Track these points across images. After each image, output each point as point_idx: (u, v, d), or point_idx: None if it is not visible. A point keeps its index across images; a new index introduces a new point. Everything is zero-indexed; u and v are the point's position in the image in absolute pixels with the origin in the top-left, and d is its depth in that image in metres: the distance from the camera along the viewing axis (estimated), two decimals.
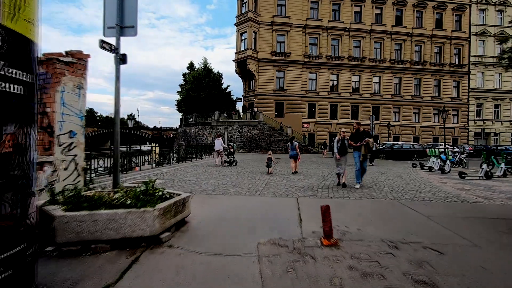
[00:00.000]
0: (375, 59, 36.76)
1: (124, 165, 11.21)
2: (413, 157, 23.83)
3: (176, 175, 10.22)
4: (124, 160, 11.34)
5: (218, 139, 15.30)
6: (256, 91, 35.05)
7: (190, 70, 44.67)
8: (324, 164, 17.11)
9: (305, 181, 9.40)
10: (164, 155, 15.70)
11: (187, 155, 18.49)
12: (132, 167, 11.80)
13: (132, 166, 12.05)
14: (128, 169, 11.52)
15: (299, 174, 11.67)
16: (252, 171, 12.78)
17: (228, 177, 9.98)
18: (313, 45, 36.18)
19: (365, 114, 36.63)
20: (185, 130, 37.86)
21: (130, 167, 11.61)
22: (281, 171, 12.67)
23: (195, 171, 11.86)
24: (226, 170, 12.62)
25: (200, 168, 13.27)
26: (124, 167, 11.24)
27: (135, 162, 12.24)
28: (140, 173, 10.64)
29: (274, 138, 31.59)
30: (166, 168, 12.77)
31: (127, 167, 11.23)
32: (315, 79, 36.22)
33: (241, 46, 34.92)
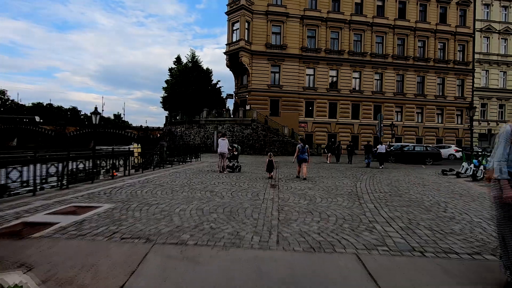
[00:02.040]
0: (377, 54, 34.27)
1: (88, 172, 7.91)
2: (426, 160, 21.24)
3: (141, 192, 6.97)
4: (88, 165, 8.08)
5: (223, 139, 12.22)
6: (249, 87, 31.93)
7: (177, 65, 41.10)
8: (335, 171, 14.13)
9: (333, 200, 6.36)
10: (147, 158, 12.42)
11: (170, 158, 15.22)
12: (97, 173, 8.50)
13: (102, 171, 8.79)
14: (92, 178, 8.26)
15: (313, 184, 8.64)
16: (251, 178, 9.66)
17: (219, 194, 6.82)
18: (311, 38, 33.35)
19: (366, 113, 34.08)
20: (171, 130, 34.37)
21: (92, 174, 8.30)
22: (286, 177, 9.62)
23: (174, 182, 8.65)
24: (217, 180, 9.44)
25: (182, 176, 10.05)
26: (89, 175, 7.95)
27: (104, 166, 8.95)
28: (94, 186, 7.37)
29: (269, 138, 28.56)
30: (135, 178, 9.48)
31: (91, 174, 7.91)
32: (313, 74, 33.40)
33: (233, 37, 31.75)
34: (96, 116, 14.08)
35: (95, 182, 8.12)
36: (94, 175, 8.22)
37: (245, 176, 11.00)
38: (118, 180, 8.73)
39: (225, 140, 11.98)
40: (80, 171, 7.72)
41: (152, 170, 11.76)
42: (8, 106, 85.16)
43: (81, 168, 7.72)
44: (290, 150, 28.33)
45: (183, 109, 34.43)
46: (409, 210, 5.59)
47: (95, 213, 4.72)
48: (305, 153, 11.11)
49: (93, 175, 8.11)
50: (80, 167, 7.62)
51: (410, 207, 5.83)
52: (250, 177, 10.56)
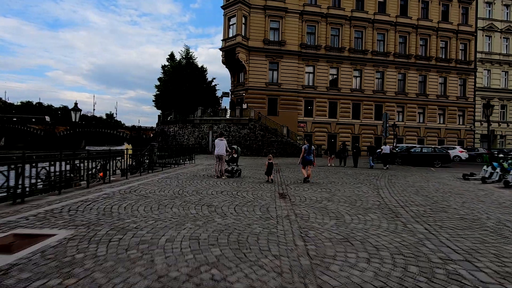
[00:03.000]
0: (378, 52, 33.11)
1: (55, 179, 6.36)
2: (435, 162, 20.04)
3: (119, 208, 5.43)
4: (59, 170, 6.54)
5: (221, 140, 10.63)
6: (246, 84, 30.44)
7: (171, 62, 39.34)
8: (343, 175, 12.74)
9: (367, 219, 4.93)
10: (133, 161, 10.85)
11: (161, 161, 13.66)
12: (69, 181, 6.93)
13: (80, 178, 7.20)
14: (66, 185, 6.70)
15: (329, 193, 7.21)
16: (254, 185, 8.17)
17: (219, 211, 5.33)
18: (310, 34, 32.03)
19: (367, 113, 32.91)
20: (163, 129, 32.67)
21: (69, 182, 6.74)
22: (293, 182, 8.14)
23: (163, 192, 7.13)
24: (215, 188, 7.95)
25: (173, 183, 8.52)
26: (56, 183, 6.39)
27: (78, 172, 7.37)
28: (61, 198, 5.81)
29: (267, 139, 27.11)
30: (116, 186, 7.93)
31: (58, 183, 6.34)
32: (312, 72, 32.08)
33: (229, 33, 30.21)
34: (76, 113, 12.40)
35: (64, 193, 6.55)
36: (62, 184, 6.65)
37: (246, 182, 9.52)
38: (93, 190, 7.16)
39: (223, 141, 10.47)
40: (44, 179, 6.14)
41: (139, 175, 10.19)
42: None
43: (43, 175, 6.13)
44: (290, 151, 26.96)
45: (176, 107, 32.76)
46: (477, 236, 4.19)
47: (41, 248, 3.20)
48: (311, 154, 10.31)
49: (61, 184, 6.54)
50: (41, 175, 6.03)
51: (474, 230, 4.44)
52: (253, 184, 9.09)
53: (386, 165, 17.37)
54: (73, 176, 7.17)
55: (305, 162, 10.28)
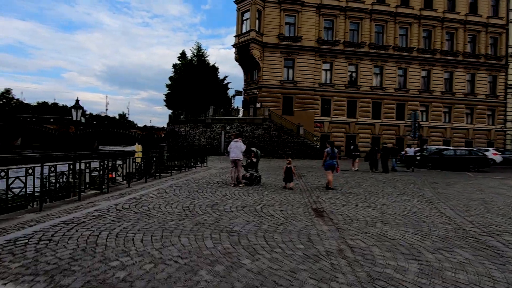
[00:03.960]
0: (401, 47, 31.03)
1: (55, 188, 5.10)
2: (471, 167, 18.04)
3: (108, 236, 4.03)
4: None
5: (237, 141, 9.14)
6: (260, 82, 28.97)
7: (182, 60, 38.30)
8: (374, 181, 11.08)
9: (459, 259, 3.40)
10: (140, 166, 9.57)
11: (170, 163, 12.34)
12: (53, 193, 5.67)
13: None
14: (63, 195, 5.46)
15: (375, 209, 5.64)
16: (279, 196, 6.63)
17: (245, 242, 3.89)
18: (328, 29, 30.27)
19: (388, 112, 30.88)
20: (174, 129, 31.59)
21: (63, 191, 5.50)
22: (322, 191, 6.51)
23: (169, 208, 5.75)
24: (233, 201, 6.52)
25: (182, 194, 7.14)
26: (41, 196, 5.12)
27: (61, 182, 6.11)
28: (39, 217, 4.51)
29: (282, 139, 25.58)
30: (114, 197, 6.60)
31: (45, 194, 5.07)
32: (330, 69, 30.32)
33: (243, 28, 28.81)
34: (77, 111, 11.22)
35: (47, 209, 5.24)
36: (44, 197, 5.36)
37: (268, 191, 8.05)
38: (86, 203, 5.83)
39: (239, 142, 8.98)
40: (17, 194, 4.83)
41: (145, 181, 8.86)
42: (12, 105, 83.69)
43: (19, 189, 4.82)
44: (306, 152, 25.35)
45: (187, 107, 31.62)
46: None
47: None
48: (335, 158, 9.24)
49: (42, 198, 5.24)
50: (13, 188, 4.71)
51: None
52: (277, 193, 7.62)
53: (410, 167, 16.34)
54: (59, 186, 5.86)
55: (328, 166, 9.19)
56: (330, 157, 9.24)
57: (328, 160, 9.21)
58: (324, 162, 9.32)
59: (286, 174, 8.79)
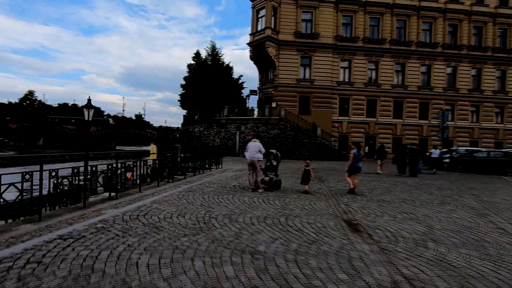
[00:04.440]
0: (424, 43, 29.43)
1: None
2: (508, 170, 16.55)
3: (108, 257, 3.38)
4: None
5: (255, 141, 8.32)
6: (276, 81, 28.19)
7: (197, 60, 38.04)
8: (405, 186, 10.06)
9: None
10: (152, 168, 9.02)
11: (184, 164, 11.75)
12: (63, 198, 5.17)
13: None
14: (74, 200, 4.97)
15: (419, 223, 4.77)
16: (303, 203, 5.81)
17: (274, 269, 3.17)
18: (347, 25, 29.13)
19: (411, 111, 29.36)
20: (188, 129, 31.30)
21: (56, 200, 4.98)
22: (349, 197, 5.63)
23: (182, 219, 5.11)
24: (253, 210, 5.81)
25: (197, 201, 6.51)
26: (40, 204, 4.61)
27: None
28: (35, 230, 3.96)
29: (299, 140, 24.68)
30: (122, 205, 6.03)
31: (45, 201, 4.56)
32: (348, 67, 29.15)
33: (258, 26, 28.13)
34: (88, 111, 10.82)
35: (47, 218, 4.70)
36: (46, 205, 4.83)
37: (290, 197, 7.28)
38: (90, 211, 5.27)
39: (257, 142, 8.21)
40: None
41: (157, 185, 8.29)
42: (35, 106, 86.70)
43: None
44: (324, 153, 24.34)
45: (201, 107, 31.25)
46: None
47: None
48: (360, 161, 8.73)
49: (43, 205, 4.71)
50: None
51: None
52: (301, 200, 6.85)
53: (433, 169, 15.94)
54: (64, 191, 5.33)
55: (354, 170, 8.63)
56: (356, 159, 8.66)
57: (353, 163, 8.63)
58: (351, 165, 8.65)
59: (304, 176, 8.40)
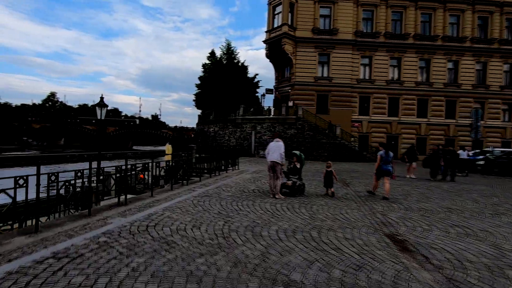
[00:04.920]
0: (451, 37, 27.71)
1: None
2: None
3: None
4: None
5: (277, 141, 7.45)
6: (293, 79, 27.30)
7: (211, 59, 37.66)
8: (446, 193, 9.00)
9: None
10: (167, 170, 8.43)
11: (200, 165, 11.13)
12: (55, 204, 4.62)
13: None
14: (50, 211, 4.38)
15: (506, 253, 3.81)
16: (336, 217, 5.00)
17: None
18: (367, 20, 27.86)
19: (436, 110, 27.71)
20: (203, 129, 30.91)
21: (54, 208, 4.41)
22: (383, 204, 4.74)
23: (197, 231, 4.43)
24: (278, 221, 5.06)
25: (214, 209, 5.83)
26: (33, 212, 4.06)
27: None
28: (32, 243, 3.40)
29: (317, 140, 23.69)
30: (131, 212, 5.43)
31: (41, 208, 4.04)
32: (369, 64, 27.87)
33: (274, 23, 27.34)
34: (101, 109, 10.38)
35: (45, 229, 4.14)
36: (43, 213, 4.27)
37: (318, 205, 6.47)
38: (95, 220, 4.67)
39: (279, 142, 7.42)
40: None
41: (170, 188, 7.69)
42: (57, 107, 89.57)
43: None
44: (344, 154, 23.24)
45: (216, 106, 30.79)
46: None
47: None
48: (390, 163, 7.95)
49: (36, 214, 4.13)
50: None
51: None
52: (329, 208, 6.03)
53: (463, 172, 14.71)
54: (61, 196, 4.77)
55: (382, 172, 7.93)
56: (383, 162, 7.91)
57: (381, 165, 7.93)
58: (378, 167, 8.00)
59: (326, 178, 7.96)
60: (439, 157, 11.74)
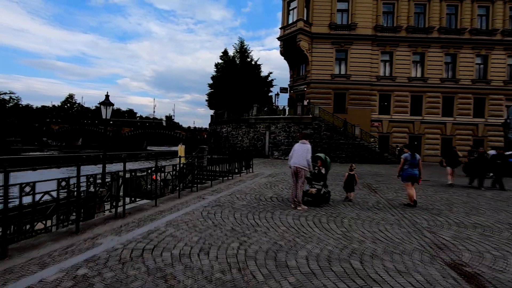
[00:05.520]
0: (479, 30, 25.81)
1: None
2: None
3: None
4: None
5: (303, 143, 6.38)
6: (309, 77, 26.15)
7: (224, 58, 36.97)
8: (500, 204, 7.73)
9: None
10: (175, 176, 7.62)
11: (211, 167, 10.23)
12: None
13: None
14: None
15: None
16: (376, 234, 3.98)
17: None
18: (387, 14, 26.36)
19: (463, 108, 25.85)
20: (215, 130, 30.21)
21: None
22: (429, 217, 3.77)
23: (205, 260, 3.51)
24: (306, 243, 4.09)
25: (226, 224, 4.92)
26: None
27: None
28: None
29: (335, 140, 22.44)
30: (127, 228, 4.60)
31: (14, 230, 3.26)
32: (390, 60, 26.35)
33: (289, 19, 26.31)
34: (106, 108, 9.68)
35: (18, 253, 3.34)
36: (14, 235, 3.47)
37: (349, 218, 5.44)
38: (82, 239, 3.85)
39: (306, 145, 6.40)
40: None
41: (178, 196, 6.85)
42: (75, 108, 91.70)
43: None
44: (364, 156, 21.91)
45: (229, 106, 30.01)
46: None
47: None
48: (416, 167, 7.03)
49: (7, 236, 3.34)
50: None
51: None
52: (367, 225, 4.99)
53: (497, 183, 11.02)
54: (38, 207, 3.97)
55: (408, 177, 7.06)
56: (409, 165, 7.07)
57: (407, 169, 7.09)
58: (400, 172, 7.21)
59: (347, 182, 7.33)
60: (486, 162, 10.19)
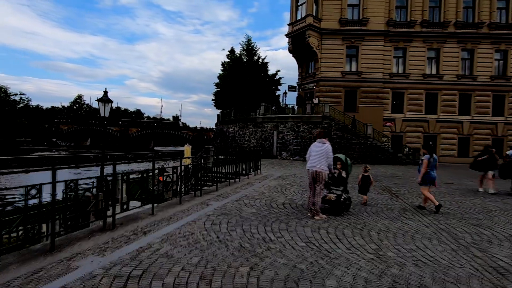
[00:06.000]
0: (499, 24, 24.51)
1: None
2: None
3: None
4: None
5: (321, 143, 5.70)
6: (318, 75, 25.25)
7: (231, 56, 36.33)
8: None
9: None
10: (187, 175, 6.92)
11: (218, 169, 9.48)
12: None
13: None
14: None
15: None
16: (414, 252, 3.12)
17: None
18: (400, 8, 25.27)
19: (482, 106, 24.60)
20: (222, 129, 29.55)
21: None
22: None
23: None
24: (333, 266, 3.31)
25: (234, 239, 4.16)
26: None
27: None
28: None
29: (346, 140, 21.50)
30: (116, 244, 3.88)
31: None
32: (403, 56, 25.26)
33: (297, 15, 25.46)
34: (104, 105, 9.03)
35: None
36: None
37: (376, 229, 4.64)
38: (57, 260, 3.15)
39: (325, 145, 5.62)
40: None
41: (179, 202, 6.14)
42: (83, 109, 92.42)
43: None
44: (377, 156, 20.92)
45: (236, 105, 29.33)
46: None
47: None
48: (435, 169, 6.69)
49: None
50: None
51: None
52: (398, 238, 4.19)
53: None
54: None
55: (429, 180, 6.58)
56: (431, 167, 6.60)
57: (430, 172, 6.58)
58: (425, 174, 6.56)
59: (362, 184, 6.94)
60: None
